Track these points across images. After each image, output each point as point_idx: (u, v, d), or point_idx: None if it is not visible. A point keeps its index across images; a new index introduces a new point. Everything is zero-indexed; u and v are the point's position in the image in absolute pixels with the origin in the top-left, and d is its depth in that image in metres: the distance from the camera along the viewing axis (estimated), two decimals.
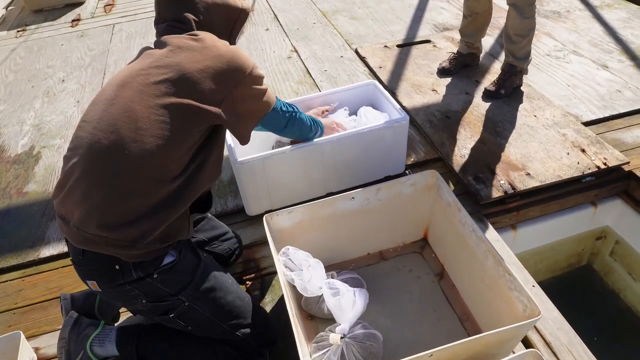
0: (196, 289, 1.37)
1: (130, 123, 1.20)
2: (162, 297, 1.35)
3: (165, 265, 1.32)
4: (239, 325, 1.47)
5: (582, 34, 3.40)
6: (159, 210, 1.24)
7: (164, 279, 1.32)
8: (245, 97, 1.35)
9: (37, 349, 1.69)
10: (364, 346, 1.46)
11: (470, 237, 1.58)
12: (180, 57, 1.27)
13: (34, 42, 4.00)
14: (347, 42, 3.51)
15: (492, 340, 1.28)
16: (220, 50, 1.31)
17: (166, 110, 1.23)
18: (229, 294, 1.46)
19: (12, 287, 1.92)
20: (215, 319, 1.43)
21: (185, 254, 1.37)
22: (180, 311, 1.38)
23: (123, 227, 1.21)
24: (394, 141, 2.08)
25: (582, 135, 2.41)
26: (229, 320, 1.45)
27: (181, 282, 1.35)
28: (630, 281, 2.36)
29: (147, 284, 1.31)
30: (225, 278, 1.49)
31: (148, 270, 1.29)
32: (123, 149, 1.19)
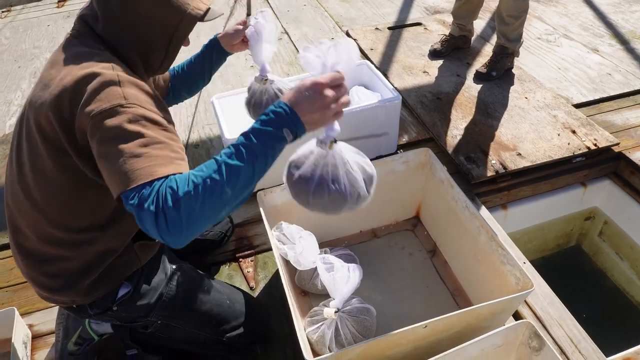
0: (165, 307, 1.32)
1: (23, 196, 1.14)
2: (132, 319, 1.32)
3: (121, 298, 1.26)
4: (222, 331, 1.43)
5: (572, 18, 3.42)
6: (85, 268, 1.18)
7: (124, 309, 1.28)
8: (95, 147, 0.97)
9: (31, 326, 1.68)
10: (357, 320, 1.47)
11: (464, 213, 1.60)
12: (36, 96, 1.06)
13: (20, 23, 3.92)
14: (338, 24, 3.49)
15: (484, 313, 1.30)
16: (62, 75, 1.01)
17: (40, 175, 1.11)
18: (204, 304, 1.40)
19: (3, 265, 1.90)
20: (194, 329, 1.40)
21: (146, 277, 1.30)
22: (155, 328, 1.36)
23: (58, 292, 1.21)
24: (386, 120, 2.09)
25: (572, 117, 2.43)
26: (209, 328, 1.41)
27: (145, 307, 1.30)
28: (618, 260, 2.40)
29: (111, 314, 1.29)
30: (200, 287, 1.41)
31: (104, 305, 1.25)
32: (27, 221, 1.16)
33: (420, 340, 1.30)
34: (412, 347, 1.30)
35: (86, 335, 1.48)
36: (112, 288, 1.25)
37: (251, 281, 1.78)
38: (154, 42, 1.11)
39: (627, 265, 2.35)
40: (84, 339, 1.47)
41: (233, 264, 1.85)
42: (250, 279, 1.79)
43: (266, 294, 1.74)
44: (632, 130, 2.40)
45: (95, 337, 1.49)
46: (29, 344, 1.62)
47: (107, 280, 1.22)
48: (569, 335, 1.57)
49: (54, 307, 1.74)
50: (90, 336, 1.48)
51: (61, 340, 1.48)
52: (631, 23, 3.31)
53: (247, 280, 1.78)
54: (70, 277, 1.18)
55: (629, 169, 2.25)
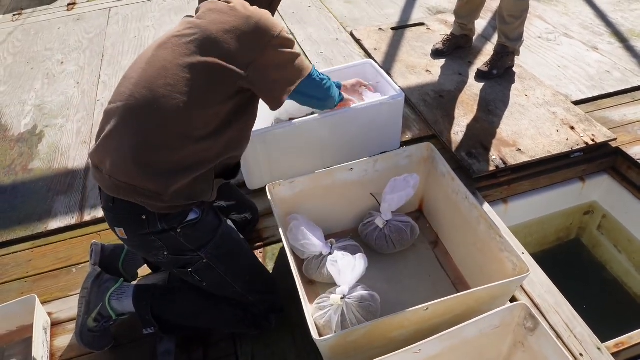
0: (215, 247, 1.44)
1: (162, 80, 1.27)
2: (182, 251, 1.42)
3: (188, 221, 1.38)
4: (251, 289, 1.55)
5: (573, 17, 3.48)
6: (182, 167, 1.30)
7: (186, 234, 1.39)
8: (273, 60, 1.35)
9: (50, 314, 1.76)
10: (363, 306, 1.54)
11: (464, 204, 1.67)
12: (210, 18, 1.32)
13: (31, 26, 4.01)
14: (342, 25, 3.57)
15: (483, 296, 1.37)
16: (248, 12, 1.33)
17: (193, 69, 1.28)
18: (245, 258, 1.55)
19: (22, 257, 1.99)
20: (228, 279, 1.51)
21: (208, 214, 1.45)
22: (198, 267, 1.46)
23: (150, 177, 1.28)
24: (390, 118, 2.16)
25: (571, 113, 2.49)
26: (241, 283, 1.53)
27: (202, 239, 1.42)
28: (616, 253, 2.46)
29: (170, 237, 1.38)
30: (243, 243, 1.58)
31: (172, 223, 1.36)
32: (153, 104, 1.27)
33: (422, 322, 1.37)
34: (415, 329, 1.37)
35: (105, 313, 1.56)
36: (184, 209, 1.37)
37: None
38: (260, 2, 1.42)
39: (625, 258, 2.41)
40: (103, 317, 1.55)
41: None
42: None
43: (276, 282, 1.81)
44: (630, 126, 2.46)
45: (114, 315, 1.57)
46: (48, 330, 1.71)
47: (188, 192, 1.33)
48: (565, 321, 1.63)
49: (72, 295, 1.82)
50: (109, 314, 1.56)
51: (82, 315, 1.55)
52: (630, 21, 3.37)
53: None
54: (171, 168, 1.29)
55: (626, 163, 2.31)
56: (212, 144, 1.33)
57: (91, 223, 2.10)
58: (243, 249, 1.56)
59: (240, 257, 1.53)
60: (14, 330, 1.70)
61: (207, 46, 1.29)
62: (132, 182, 1.28)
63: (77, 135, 2.65)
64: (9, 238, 2.06)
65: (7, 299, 1.78)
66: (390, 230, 1.80)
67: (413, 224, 1.84)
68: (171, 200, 1.31)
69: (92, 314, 1.57)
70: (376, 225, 1.83)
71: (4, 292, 1.86)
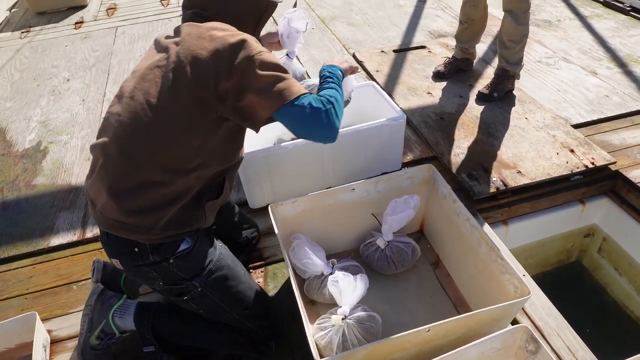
0: (209, 276, 1.44)
1: (144, 115, 1.27)
2: (176, 280, 1.42)
3: (180, 252, 1.39)
4: (248, 315, 1.54)
5: (572, 42, 3.54)
6: (170, 199, 1.32)
7: (179, 264, 1.39)
8: (250, 84, 1.25)
9: (50, 331, 1.75)
10: (364, 327, 1.54)
11: (464, 225, 1.68)
12: (187, 45, 1.27)
13: (39, 43, 4.08)
14: (345, 47, 3.62)
15: (484, 318, 1.37)
16: (226, 36, 1.27)
17: (174, 102, 1.26)
18: (241, 284, 1.53)
19: (24, 273, 1.99)
20: (225, 306, 1.50)
21: (201, 242, 1.44)
22: (193, 295, 1.46)
23: (137, 215, 1.31)
24: (391, 139, 2.18)
25: (571, 136, 2.52)
26: (238, 309, 1.53)
27: (195, 269, 1.42)
28: (617, 276, 2.46)
29: (163, 268, 1.39)
30: (239, 269, 1.56)
31: (164, 254, 1.37)
32: (136, 145, 1.28)
33: (423, 344, 1.37)
34: (416, 351, 1.37)
35: (108, 330, 1.56)
36: (178, 236, 1.37)
37: None
38: (248, 24, 1.39)
39: (626, 281, 2.41)
40: (106, 334, 1.56)
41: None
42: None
43: (276, 304, 1.81)
44: (629, 149, 2.49)
45: (117, 332, 1.57)
46: (48, 348, 1.70)
47: (176, 225, 1.35)
48: (567, 344, 1.63)
49: (72, 313, 1.82)
50: (112, 331, 1.56)
51: (84, 333, 1.55)
52: (628, 47, 3.42)
53: None
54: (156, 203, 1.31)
55: (626, 187, 2.33)
56: (200, 173, 1.34)
57: (93, 240, 2.10)
58: (239, 275, 1.54)
59: (236, 284, 1.51)
60: (13, 347, 1.69)
61: (183, 80, 1.25)
62: (122, 220, 1.31)
63: (81, 151, 2.68)
64: (10, 254, 2.06)
65: (7, 315, 1.78)
66: (392, 250, 1.81)
67: (414, 244, 1.84)
68: (162, 231, 1.33)
69: (95, 332, 1.57)
70: (377, 245, 1.83)
71: (4, 309, 1.85)
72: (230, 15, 1.36)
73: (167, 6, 4.68)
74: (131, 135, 1.30)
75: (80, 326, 1.63)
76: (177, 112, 1.27)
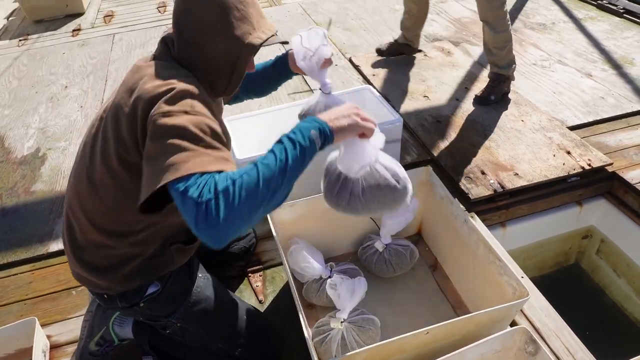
0: (187, 311, 1.40)
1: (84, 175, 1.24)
2: (154, 317, 1.42)
3: (149, 295, 1.34)
4: (234, 345, 1.50)
5: (567, 45, 3.56)
6: (127, 258, 1.27)
7: (150, 307, 1.37)
8: (149, 144, 1.02)
9: (49, 337, 1.75)
10: (363, 330, 1.54)
11: (462, 228, 1.68)
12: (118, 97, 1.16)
13: (37, 51, 4.09)
14: (341, 51, 3.64)
15: (483, 320, 1.38)
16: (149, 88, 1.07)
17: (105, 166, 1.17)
18: (224, 315, 1.48)
19: (23, 279, 1.99)
20: (208, 338, 1.48)
21: (174, 280, 1.38)
22: (173, 330, 1.44)
23: (96, 271, 1.29)
24: (388, 142, 2.18)
25: (567, 138, 2.53)
26: (223, 340, 1.49)
27: (169, 308, 1.39)
28: (615, 278, 2.46)
29: (137, 310, 1.38)
30: (222, 297, 1.49)
31: (133, 300, 1.34)
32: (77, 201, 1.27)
33: (422, 347, 1.37)
34: (415, 353, 1.37)
35: (108, 337, 1.56)
36: (144, 283, 1.33)
37: (260, 295, 1.86)
38: (220, 70, 1.19)
39: (625, 282, 2.42)
40: (105, 340, 1.56)
41: (244, 279, 1.93)
42: (259, 292, 1.86)
43: (274, 307, 1.82)
44: (625, 151, 2.50)
45: (116, 340, 1.57)
46: (47, 354, 1.70)
47: (141, 275, 1.31)
48: (566, 345, 1.63)
49: (71, 318, 1.82)
50: (112, 339, 1.56)
51: (84, 339, 1.56)
52: (623, 49, 3.44)
53: (255, 294, 1.86)
54: (110, 263, 1.27)
55: (623, 188, 2.34)
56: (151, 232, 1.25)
57: None
58: (220, 306, 1.47)
59: (217, 315, 1.46)
60: (13, 353, 1.69)
61: (110, 142, 1.14)
62: (82, 275, 1.32)
63: None
64: (9, 260, 2.06)
65: (6, 321, 1.78)
66: (390, 253, 1.81)
67: (412, 247, 1.85)
68: (124, 284, 1.30)
69: (94, 338, 1.58)
70: (376, 248, 1.84)
71: (3, 314, 1.85)
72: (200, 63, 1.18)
73: (164, 13, 4.70)
74: (75, 194, 1.27)
75: (80, 331, 1.64)
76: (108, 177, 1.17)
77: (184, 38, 1.17)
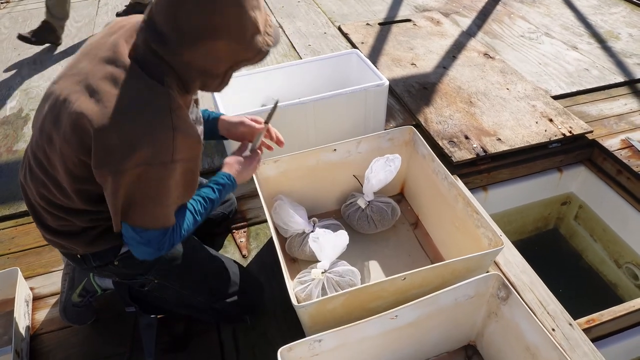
0: (163, 268, 1.39)
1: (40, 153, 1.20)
2: (131, 276, 1.41)
3: (123, 253, 1.33)
4: (215, 298, 1.50)
5: (554, 18, 3.57)
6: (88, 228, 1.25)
7: (125, 264, 1.34)
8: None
9: (32, 289, 1.76)
10: (343, 280, 1.58)
11: (443, 184, 1.71)
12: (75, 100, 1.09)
13: (19, 14, 4.00)
14: (331, 19, 3.62)
15: (459, 268, 1.41)
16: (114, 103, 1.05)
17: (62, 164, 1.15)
18: (201, 270, 1.48)
19: (5, 234, 1.99)
20: (187, 293, 1.48)
21: None
22: (151, 287, 1.44)
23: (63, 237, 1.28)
24: (374, 104, 2.20)
25: (550, 107, 2.56)
26: (202, 295, 1.49)
27: (145, 265, 1.35)
28: (592, 242, 2.53)
29: (112, 268, 1.36)
30: (198, 253, 1.50)
31: (106, 258, 1.32)
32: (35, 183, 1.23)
33: (399, 293, 1.40)
34: (393, 300, 1.41)
35: (90, 288, 1.57)
36: (115, 244, 1.32)
37: (244, 250, 1.88)
38: (217, 71, 1.12)
39: (600, 247, 2.48)
40: (88, 291, 1.57)
41: (227, 235, 1.95)
42: (243, 248, 1.89)
43: (258, 262, 1.84)
44: (606, 120, 2.54)
45: (99, 290, 1.58)
46: (30, 303, 1.71)
47: (109, 237, 1.28)
48: (539, 298, 1.68)
49: (54, 271, 1.83)
50: (94, 289, 1.57)
51: (66, 291, 1.56)
52: (609, 24, 3.47)
53: (239, 249, 1.88)
54: (73, 230, 1.26)
55: (602, 155, 2.39)
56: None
57: None
58: (197, 262, 1.47)
59: (195, 271, 1.46)
60: None
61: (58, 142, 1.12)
62: (49, 238, 1.31)
63: None
64: None
65: None
66: (372, 210, 1.84)
67: (394, 204, 1.88)
68: (92, 247, 1.28)
69: (77, 290, 1.58)
70: (358, 205, 1.86)
71: None
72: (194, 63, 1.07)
73: None
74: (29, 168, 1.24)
75: (61, 284, 1.64)
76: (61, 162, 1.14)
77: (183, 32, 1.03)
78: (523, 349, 1.29)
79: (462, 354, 1.52)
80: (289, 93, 2.25)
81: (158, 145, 1.04)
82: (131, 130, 1.03)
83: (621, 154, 2.31)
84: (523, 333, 1.29)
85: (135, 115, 1.04)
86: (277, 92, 2.26)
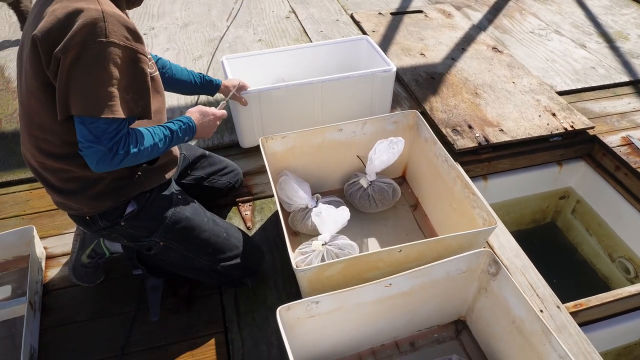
0: (168, 230, 1.47)
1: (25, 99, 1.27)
2: (137, 238, 1.49)
3: (128, 214, 1.42)
4: (217, 260, 1.57)
5: (565, 16, 3.60)
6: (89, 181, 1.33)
7: (131, 225, 1.44)
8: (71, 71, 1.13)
9: (45, 248, 1.85)
10: (343, 253, 1.65)
11: (442, 166, 1.78)
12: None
13: None
14: (344, 7, 3.67)
15: (452, 244, 1.48)
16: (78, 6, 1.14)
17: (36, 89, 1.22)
18: (204, 232, 1.54)
19: (21, 197, 2.07)
20: (191, 255, 1.55)
21: (153, 201, 1.46)
22: (157, 249, 1.52)
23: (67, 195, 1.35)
24: (381, 89, 2.26)
25: (554, 102, 2.61)
26: (205, 256, 1.56)
27: (150, 226, 1.46)
28: (588, 236, 2.59)
29: (119, 230, 1.45)
30: (201, 217, 1.56)
31: (113, 219, 1.41)
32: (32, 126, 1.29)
33: (395, 265, 1.47)
34: (388, 271, 1.47)
35: (99, 250, 1.65)
36: (119, 203, 1.40)
37: (248, 222, 1.95)
38: None
39: (595, 241, 2.54)
40: (97, 253, 1.65)
41: (233, 207, 2.03)
42: (248, 220, 1.96)
43: (261, 234, 1.91)
44: (608, 117, 2.59)
45: (107, 253, 1.66)
46: (43, 261, 1.79)
47: (111, 195, 1.37)
48: (530, 281, 1.75)
49: (66, 233, 1.91)
50: (103, 251, 1.65)
51: (76, 252, 1.64)
52: (620, 24, 3.50)
53: (244, 221, 1.96)
54: (75, 185, 1.33)
55: (602, 151, 2.44)
56: None
57: None
58: (200, 225, 1.54)
59: (199, 233, 1.53)
60: (10, 260, 1.79)
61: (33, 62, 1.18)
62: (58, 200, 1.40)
63: None
64: (8, 179, 2.14)
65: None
66: (374, 190, 1.91)
67: (395, 185, 1.95)
68: (96, 204, 1.37)
69: (86, 251, 1.66)
70: (360, 185, 1.93)
71: (1, 227, 1.94)
72: None
73: None
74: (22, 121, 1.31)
75: (72, 245, 1.72)
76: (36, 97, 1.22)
77: None
78: (509, 322, 1.36)
79: (452, 327, 1.59)
80: (299, 74, 2.32)
81: (90, 24, 1.11)
82: (65, 18, 1.13)
83: (620, 150, 2.36)
84: (510, 307, 1.35)
85: (67, 4, 1.14)
86: (287, 73, 2.33)
